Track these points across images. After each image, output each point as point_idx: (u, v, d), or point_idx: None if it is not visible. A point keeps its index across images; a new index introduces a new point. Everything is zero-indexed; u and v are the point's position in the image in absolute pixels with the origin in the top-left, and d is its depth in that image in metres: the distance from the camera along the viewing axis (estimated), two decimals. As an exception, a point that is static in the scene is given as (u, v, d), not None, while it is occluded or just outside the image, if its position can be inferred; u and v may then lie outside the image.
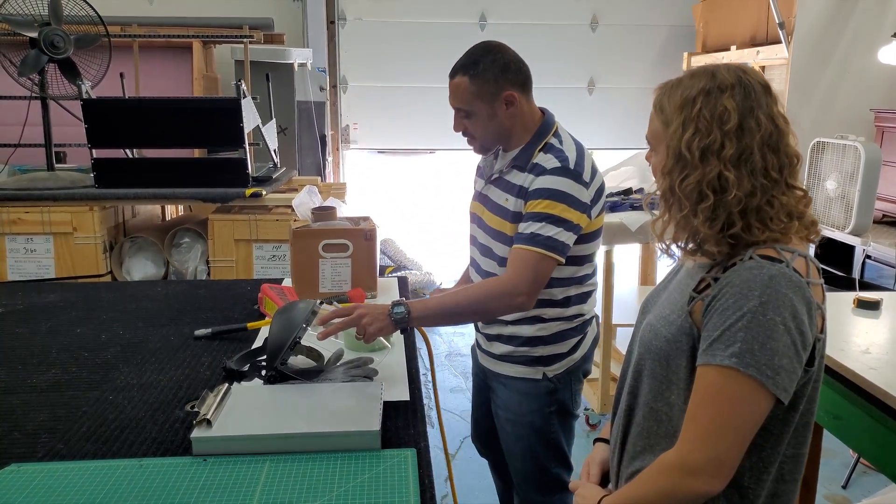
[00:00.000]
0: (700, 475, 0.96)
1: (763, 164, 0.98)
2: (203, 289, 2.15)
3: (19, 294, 2.06)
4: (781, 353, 0.94)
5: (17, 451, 1.17)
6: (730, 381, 0.95)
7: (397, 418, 1.30)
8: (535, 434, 1.70)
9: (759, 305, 0.94)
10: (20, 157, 3.44)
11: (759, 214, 0.99)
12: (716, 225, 0.99)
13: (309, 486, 1.07)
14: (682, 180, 1.00)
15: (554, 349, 1.67)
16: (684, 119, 1.01)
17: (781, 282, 0.95)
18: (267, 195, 2.92)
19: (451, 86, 1.63)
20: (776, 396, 0.94)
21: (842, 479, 2.71)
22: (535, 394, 1.67)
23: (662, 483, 1.01)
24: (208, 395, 1.28)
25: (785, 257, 0.97)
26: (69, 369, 1.51)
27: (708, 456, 0.96)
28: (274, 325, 1.43)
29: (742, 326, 0.94)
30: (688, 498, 0.98)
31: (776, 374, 0.93)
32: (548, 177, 1.54)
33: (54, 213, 2.79)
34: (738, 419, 0.95)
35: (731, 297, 0.96)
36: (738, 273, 0.97)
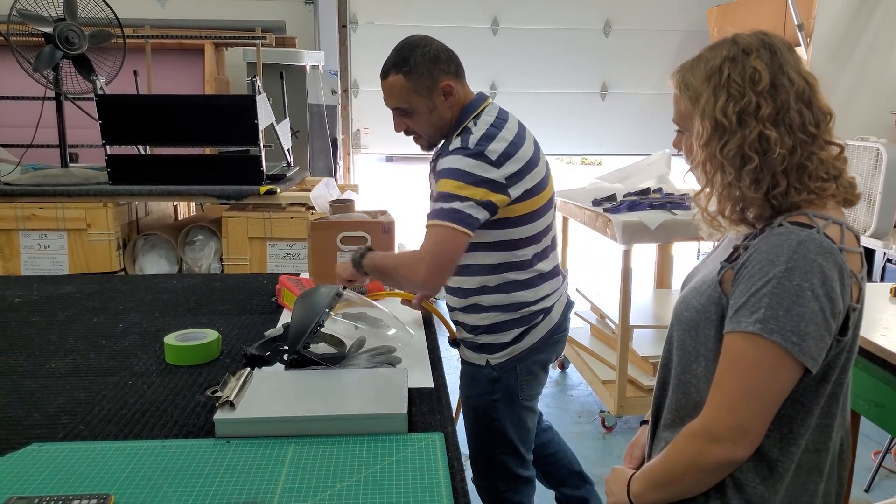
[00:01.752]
0: (723, 442, 0.95)
1: (800, 119, 0.97)
2: (219, 282, 2.13)
3: (35, 286, 2.04)
4: (808, 319, 0.91)
5: (37, 431, 1.15)
6: (754, 348, 0.93)
7: (422, 404, 1.27)
8: (479, 418, 1.73)
9: (786, 271, 0.92)
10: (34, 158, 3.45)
11: (800, 172, 0.97)
12: (762, 187, 0.97)
13: (335, 468, 1.04)
14: (723, 147, 0.98)
15: (495, 338, 1.67)
16: (714, 88, 0.99)
17: (810, 247, 0.92)
18: (281, 193, 2.91)
19: (385, 86, 1.62)
20: (803, 364, 0.92)
21: (864, 482, 2.66)
22: (479, 379, 1.71)
23: (687, 452, 1.00)
24: (230, 379, 1.25)
25: (817, 223, 0.95)
26: (87, 356, 1.49)
27: (731, 423, 0.95)
28: (296, 309, 1.40)
29: (767, 292, 0.92)
30: (712, 465, 0.97)
31: (802, 340, 0.91)
32: (449, 157, 1.55)
33: (68, 209, 2.78)
34: (761, 386, 0.93)
35: (758, 264, 0.94)
36: (766, 239, 0.96)
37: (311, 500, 0.96)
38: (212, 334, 1.51)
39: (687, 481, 1.01)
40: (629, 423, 3.16)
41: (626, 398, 2.97)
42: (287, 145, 3.35)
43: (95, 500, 0.93)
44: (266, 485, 0.99)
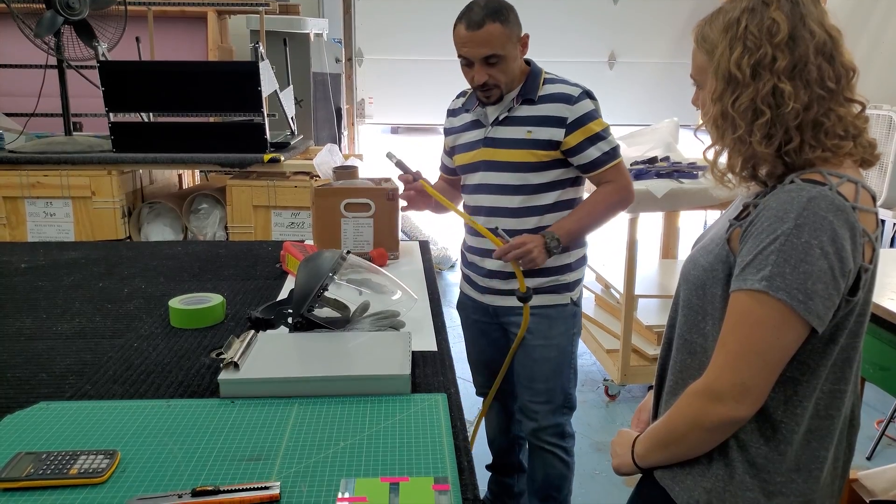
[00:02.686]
0: (725, 401, 0.94)
1: (819, 74, 0.93)
2: (224, 248, 2.13)
3: (41, 251, 2.05)
4: (816, 277, 0.89)
5: (44, 391, 1.16)
6: (759, 305, 0.91)
7: (425, 366, 1.28)
8: (562, 355, 1.85)
9: (795, 228, 0.89)
10: (38, 127, 3.44)
11: (816, 129, 0.94)
12: (773, 142, 0.94)
13: (339, 427, 1.05)
14: (735, 100, 0.95)
15: (577, 274, 1.86)
16: (731, 40, 0.96)
17: (821, 204, 0.90)
18: (285, 161, 2.89)
19: (478, 36, 1.67)
20: (809, 323, 0.90)
21: (867, 450, 2.67)
22: (562, 318, 1.83)
23: (690, 411, 0.99)
24: (234, 341, 1.26)
25: (830, 181, 0.92)
26: (93, 319, 1.50)
27: (733, 381, 0.93)
28: (300, 273, 1.40)
29: (775, 249, 0.90)
30: (714, 424, 0.96)
31: (808, 298, 0.89)
32: (584, 102, 1.73)
33: (73, 176, 2.78)
34: (764, 344, 0.91)
35: (767, 221, 0.92)
36: (776, 196, 0.93)
37: (314, 458, 0.97)
38: (216, 298, 1.52)
39: (690, 441, 1.01)
40: (632, 391, 3.18)
41: (630, 367, 2.98)
42: (291, 113, 3.33)
43: (102, 455, 0.94)
44: (270, 443, 1.00)
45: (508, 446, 2.16)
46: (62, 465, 0.91)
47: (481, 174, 1.82)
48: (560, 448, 1.90)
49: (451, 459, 0.96)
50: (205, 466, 0.94)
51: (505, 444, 2.16)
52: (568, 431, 1.92)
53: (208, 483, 0.89)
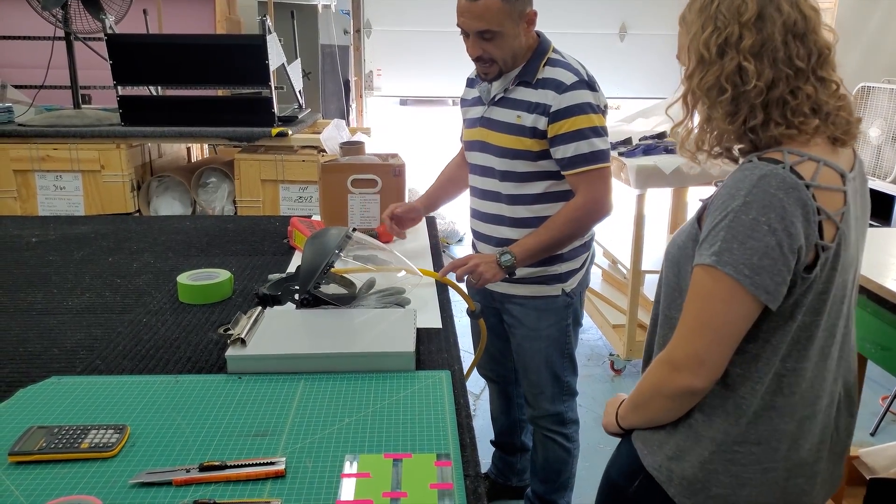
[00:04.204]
0: (682, 371, 0.98)
1: (786, 52, 0.95)
2: (231, 223, 2.15)
3: (51, 225, 2.07)
4: (763, 253, 0.91)
5: (56, 365, 1.18)
6: (710, 279, 0.95)
7: (430, 343, 1.29)
8: (553, 346, 1.80)
9: (743, 205, 0.92)
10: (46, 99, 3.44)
11: (781, 106, 0.95)
12: (737, 119, 0.97)
13: (345, 403, 1.07)
14: (702, 79, 0.98)
15: (570, 265, 1.76)
16: (704, 20, 0.99)
17: (772, 182, 0.92)
18: (293, 135, 2.89)
19: (475, 8, 1.58)
20: (758, 298, 0.92)
21: (870, 426, 2.69)
22: (552, 309, 1.77)
23: (654, 378, 1.05)
24: (241, 318, 1.27)
25: (787, 159, 0.94)
26: (103, 294, 1.52)
27: (688, 352, 0.97)
28: (307, 250, 1.41)
29: (724, 226, 0.93)
30: (673, 392, 1.01)
31: (755, 273, 0.91)
32: (573, 92, 1.58)
33: (82, 150, 2.79)
34: (715, 317, 0.95)
35: (721, 198, 0.95)
36: (733, 174, 0.96)
37: (319, 434, 0.98)
38: (224, 274, 1.53)
39: (654, 407, 1.06)
40: (637, 366, 3.20)
41: (636, 342, 2.99)
42: (298, 87, 3.31)
43: (113, 430, 0.96)
44: (277, 418, 1.02)
45: (510, 427, 2.18)
46: (73, 439, 0.93)
47: (476, 154, 1.77)
48: (560, 434, 1.89)
49: (453, 436, 0.98)
50: (212, 441, 0.96)
51: (506, 425, 2.18)
52: (569, 418, 1.89)
53: (215, 458, 0.92)
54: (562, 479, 1.93)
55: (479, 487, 0.88)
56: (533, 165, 1.66)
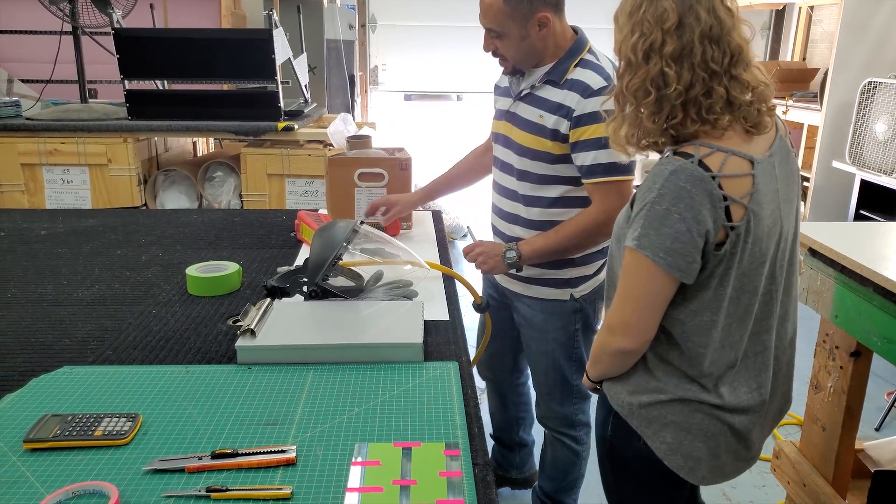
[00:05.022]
0: (616, 334, 1.16)
1: (703, 57, 1.05)
2: (239, 217, 2.16)
3: (60, 219, 2.08)
4: (675, 237, 1.05)
5: (68, 355, 1.20)
6: (633, 259, 1.10)
7: (437, 335, 1.30)
8: (560, 349, 1.77)
9: (658, 197, 1.05)
10: (54, 94, 3.45)
11: (696, 106, 1.06)
12: (660, 118, 1.08)
13: (353, 393, 1.08)
14: (629, 81, 1.09)
15: (582, 271, 1.71)
16: (632, 24, 1.09)
17: (681, 176, 1.04)
18: (299, 130, 2.90)
19: (482, 4, 1.57)
20: (672, 275, 1.07)
21: (875, 421, 2.69)
22: (560, 313, 1.73)
23: (599, 339, 1.22)
24: (251, 309, 1.28)
25: (698, 152, 1.05)
26: (112, 286, 1.53)
27: (619, 319, 1.15)
28: (315, 243, 1.42)
29: (643, 215, 1.07)
30: (612, 352, 1.18)
31: (668, 255, 1.06)
32: (597, 98, 1.51)
33: (89, 144, 2.80)
34: (638, 290, 1.11)
35: (641, 190, 1.09)
36: (653, 168, 1.08)
37: (329, 423, 0.99)
38: (232, 266, 1.54)
39: (603, 363, 1.23)
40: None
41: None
42: (304, 81, 3.31)
43: (125, 418, 0.97)
44: (286, 408, 1.03)
45: (507, 424, 2.17)
46: (87, 427, 0.95)
47: (500, 148, 1.74)
48: (568, 437, 1.87)
49: (461, 426, 0.99)
50: (223, 430, 0.97)
51: (503, 422, 2.17)
52: (578, 420, 1.86)
53: (227, 446, 0.93)
54: (569, 480, 1.92)
55: (487, 476, 0.89)
56: (551, 168, 1.61)
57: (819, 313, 1.53)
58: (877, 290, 1.25)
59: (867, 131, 3.40)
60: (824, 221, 3.88)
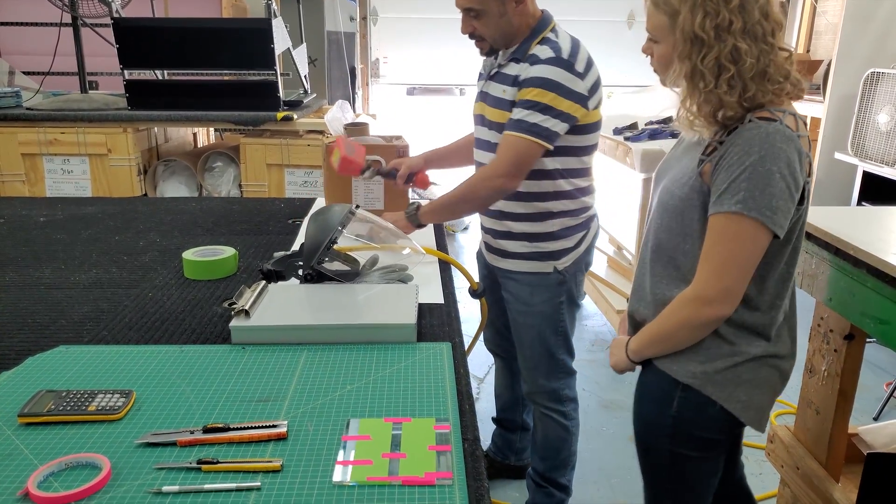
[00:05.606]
0: (714, 304, 1.17)
1: (762, 31, 1.12)
2: (237, 205, 2.16)
3: (59, 206, 2.09)
4: (778, 196, 1.11)
5: (64, 335, 1.21)
6: (736, 224, 1.12)
7: (432, 317, 1.30)
8: (545, 322, 1.81)
9: (759, 159, 1.10)
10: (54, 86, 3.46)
11: (763, 77, 1.13)
12: (735, 92, 1.12)
13: (346, 371, 1.08)
14: (703, 58, 1.13)
15: (562, 244, 1.77)
16: (691, 5, 1.13)
17: (777, 137, 1.10)
18: (298, 120, 2.90)
19: None
20: (774, 232, 1.12)
21: (874, 411, 2.69)
22: (544, 286, 1.79)
23: (682, 314, 1.21)
24: (245, 291, 1.29)
25: (778, 116, 1.12)
26: (109, 270, 1.54)
27: (718, 287, 1.16)
28: (310, 227, 1.43)
29: (745, 178, 1.11)
30: (703, 323, 1.19)
31: (774, 213, 1.11)
32: (541, 66, 1.59)
33: (89, 134, 2.81)
34: (742, 254, 1.13)
35: (736, 155, 1.12)
36: (741, 134, 1.13)
37: (321, 400, 1.00)
38: (229, 250, 1.55)
39: (680, 338, 1.23)
40: (642, 352, 3.21)
41: (640, 327, 3.00)
42: (304, 72, 3.32)
43: (119, 394, 0.98)
44: (279, 386, 1.04)
45: (513, 403, 2.20)
46: (81, 402, 0.95)
47: (477, 127, 1.82)
48: (557, 412, 1.90)
49: (452, 403, 0.99)
50: (216, 407, 0.98)
51: (510, 401, 2.20)
52: (565, 395, 1.91)
53: (219, 421, 0.93)
54: (561, 457, 1.94)
55: (476, 450, 0.89)
56: None
57: (814, 297, 1.54)
58: (870, 272, 1.25)
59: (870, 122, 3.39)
60: (825, 213, 3.87)
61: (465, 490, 0.81)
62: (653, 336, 1.27)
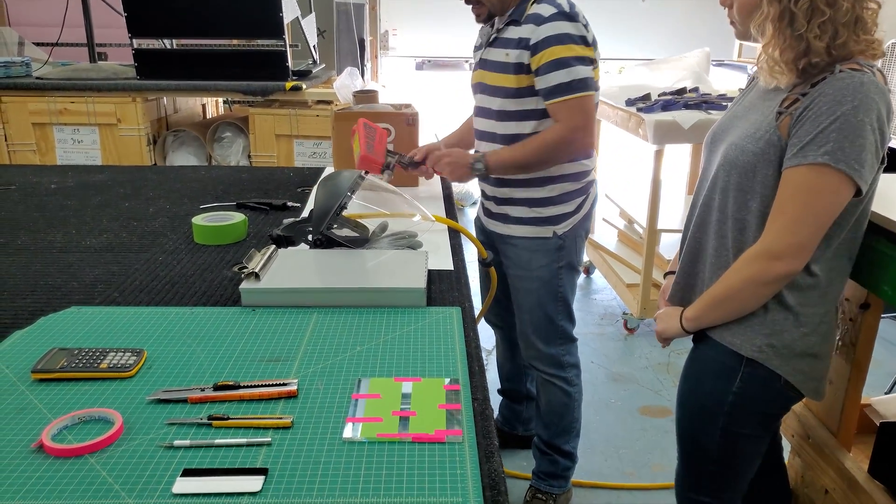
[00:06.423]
0: (783, 259, 1.12)
1: None
2: (246, 173, 2.16)
3: (70, 174, 2.09)
4: (867, 149, 1.06)
5: (76, 297, 1.21)
6: (819, 176, 1.07)
7: (441, 283, 1.30)
8: (544, 287, 1.82)
9: (852, 109, 1.05)
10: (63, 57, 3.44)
11: (857, 25, 1.08)
12: (825, 38, 1.07)
13: (356, 334, 1.08)
14: (797, 1, 1.07)
15: (562, 209, 1.78)
16: None
17: (871, 88, 1.05)
18: (307, 90, 2.88)
19: None
20: (858, 187, 1.07)
21: (885, 386, 2.67)
22: (544, 250, 1.80)
23: (748, 271, 1.16)
24: (255, 254, 1.29)
25: (868, 69, 1.08)
26: (120, 235, 1.54)
27: (790, 242, 1.11)
28: (319, 192, 1.42)
29: (836, 128, 1.05)
30: (773, 279, 1.14)
31: (861, 167, 1.06)
32: (550, 24, 1.59)
33: (98, 103, 2.80)
34: (821, 208, 1.08)
35: (826, 105, 1.06)
36: (831, 84, 1.07)
37: (331, 360, 1.00)
38: (238, 216, 1.55)
39: (745, 296, 1.18)
40: (651, 325, 3.20)
41: (650, 301, 2.99)
42: (313, 42, 3.29)
43: (130, 353, 0.99)
44: (289, 346, 1.04)
45: (515, 373, 2.21)
46: (93, 360, 0.96)
47: (477, 96, 1.81)
48: (559, 378, 1.91)
49: (462, 364, 0.99)
50: (226, 366, 0.98)
51: (512, 371, 2.21)
52: (566, 362, 1.91)
53: (229, 380, 0.94)
54: (564, 424, 1.95)
55: (486, 410, 0.89)
56: (522, 104, 1.68)
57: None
58: (890, 239, 1.23)
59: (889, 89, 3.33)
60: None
61: (476, 447, 0.81)
62: (714, 298, 1.22)
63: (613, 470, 2.24)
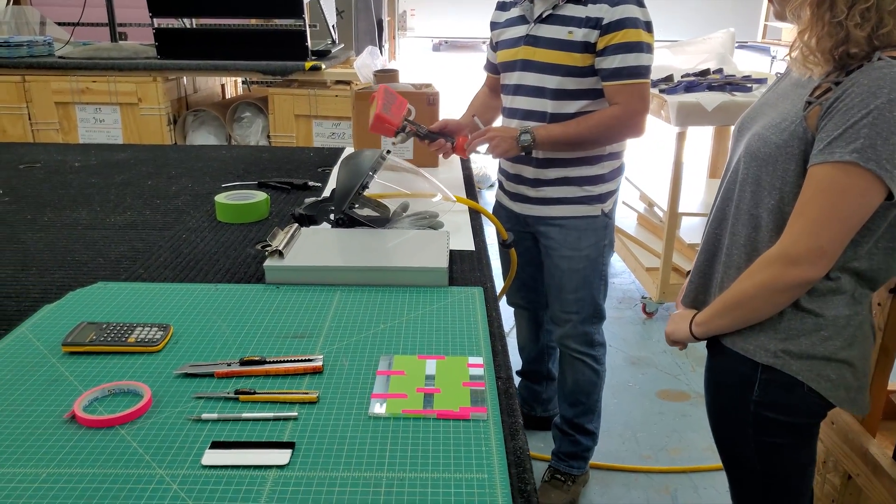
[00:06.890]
0: (801, 264, 1.02)
1: None
2: (267, 153, 2.16)
3: (93, 152, 2.11)
4: None
5: (102, 273, 1.23)
6: (846, 175, 0.97)
7: (463, 264, 1.30)
8: (590, 266, 1.83)
9: (888, 102, 0.94)
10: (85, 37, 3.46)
11: None
12: (867, 26, 0.98)
13: (379, 312, 1.09)
14: None
15: (608, 186, 1.81)
16: None
17: None
18: (326, 70, 2.87)
19: None
20: (890, 190, 0.97)
21: (908, 373, 2.64)
22: (592, 229, 1.81)
23: (762, 276, 1.07)
24: (279, 232, 1.29)
25: None
26: (143, 213, 1.56)
27: (810, 246, 1.01)
28: (341, 172, 1.42)
29: (867, 123, 0.95)
30: (789, 286, 1.05)
31: (894, 168, 0.96)
32: (624, 6, 1.60)
33: (120, 83, 2.82)
34: (846, 211, 0.99)
35: (858, 96, 0.97)
36: (867, 73, 0.97)
37: (355, 337, 1.01)
38: (261, 195, 1.55)
39: (758, 304, 1.09)
40: (670, 309, 3.18)
41: (670, 285, 2.97)
42: (332, 21, 3.27)
43: (157, 328, 1.00)
44: (314, 323, 1.04)
45: (538, 354, 2.21)
46: (121, 334, 0.97)
47: (519, 74, 1.76)
48: (589, 356, 1.92)
49: (486, 343, 0.99)
50: (251, 341, 0.99)
51: (534, 352, 2.21)
52: (597, 340, 1.93)
53: (255, 355, 0.94)
54: (590, 402, 1.96)
55: (510, 388, 0.89)
56: (580, 83, 1.67)
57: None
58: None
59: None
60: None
61: (500, 425, 0.81)
62: (726, 303, 1.13)
63: (631, 453, 2.24)
